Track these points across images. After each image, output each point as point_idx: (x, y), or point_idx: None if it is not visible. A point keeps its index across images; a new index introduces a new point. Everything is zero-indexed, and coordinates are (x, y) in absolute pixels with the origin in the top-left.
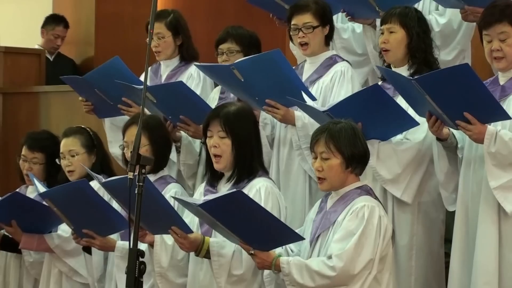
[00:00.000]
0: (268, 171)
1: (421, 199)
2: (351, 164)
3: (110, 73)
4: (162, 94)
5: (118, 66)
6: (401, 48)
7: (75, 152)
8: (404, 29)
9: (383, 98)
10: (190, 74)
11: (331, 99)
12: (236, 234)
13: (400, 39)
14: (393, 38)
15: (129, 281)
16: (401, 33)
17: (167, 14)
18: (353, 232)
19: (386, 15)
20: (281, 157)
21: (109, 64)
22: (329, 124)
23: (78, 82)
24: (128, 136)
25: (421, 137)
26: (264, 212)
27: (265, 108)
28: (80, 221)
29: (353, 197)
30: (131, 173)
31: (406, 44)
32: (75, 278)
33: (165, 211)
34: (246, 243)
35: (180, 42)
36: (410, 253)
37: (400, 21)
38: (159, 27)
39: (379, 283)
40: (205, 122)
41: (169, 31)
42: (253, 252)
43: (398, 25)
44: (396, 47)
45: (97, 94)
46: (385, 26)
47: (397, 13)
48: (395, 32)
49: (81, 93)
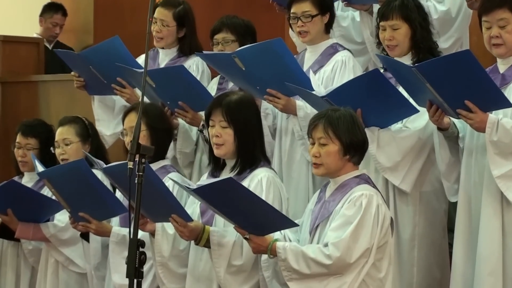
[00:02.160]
0: (270, 161)
1: (423, 189)
2: (349, 152)
3: (108, 52)
4: (161, 79)
5: (117, 46)
6: (406, 42)
7: (69, 140)
8: (407, 23)
9: (382, 84)
10: (189, 66)
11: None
12: (230, 218)
13: (404, 33)
14: (398, 34)
15: (129, 271)
16: (404, 28)
17: (177, 3)
18: (350, 221)
19: (386, 10)
20: (283, 147)
21: (108, 43)
22: (327, 110)
23: (72, 57)
24: (127, 123)
25: (422, 125)
26: (256, 199)
27: (266, 97)
28: (77, 204)
29: (351, 186)
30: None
31: (410, 36)
32: (71, 268)
33: (166, 199)
34: (240, 227)
35: (182, 34)
36: (412, 243)
37: (402, 15)
38: (165, 15)
39: (378, 271)
40: (207, 111)
41: (175, 21)
42: (248, 236)
43: (401, 20)
44: (402, 42)
45: (91, 71)
46: (387, 23)
47: (397, 7)
48: (399, 28)
49: (74, 68)
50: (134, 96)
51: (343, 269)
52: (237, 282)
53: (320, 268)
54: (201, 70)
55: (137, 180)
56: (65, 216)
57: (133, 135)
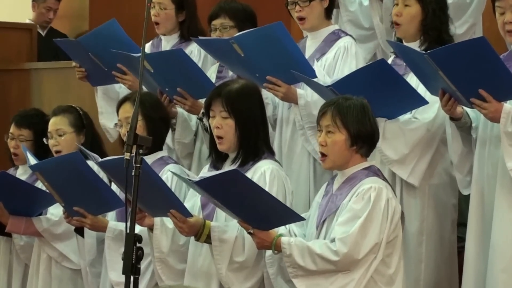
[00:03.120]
0: (274, 152)
1: (431, 182)
2: (356, 142)
3: (106, 36)
4: (160, 63)
5: (114, 29)
6: (414, 24)
7: (62, 131)
8: (420, 3)
9: (389, 74)
10: (191, 52)
11: (334, 76)
12: (234, 212)
13: (414, 14)
14: (407, 12)
15: (126, 267)
16: (416, 8)
17: None
18: (358, 215)
19: None
20: (283, 138)
21: (105, 27)
22: (339, 98)
23: (72, 45)
24: (122, 113)
25: (431, 116)
26: (261, 192)
27: (266, 85)
28: (72, 198)
29: (359, 178)
30: (128, 154)
31: (420, 20)
32: (64, 264)
33: (164, 194)
34: (244, 221)
35: (182, 18)
36: (420, 239)
37: None
38: None
39: (388, 267)
40: (206, 101)
41: (173, 4)
42: (252, 231)
43: None
44: (409, 21)
45: (91, 60)
46: None
47: None
48: (409, 6)
49: (74, 58)
50: (137, 82)
51: (350, 266)
52: (240, 279)
53: (327, 265)
54: (204, 55)
55: (134, 172)
56: (58, 210)
57: (130, 125)
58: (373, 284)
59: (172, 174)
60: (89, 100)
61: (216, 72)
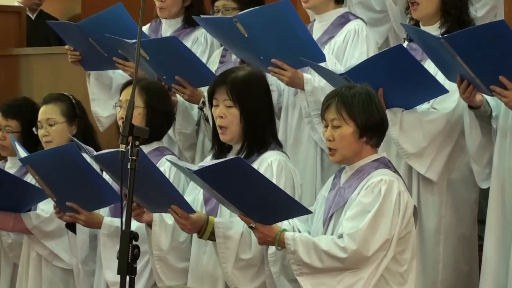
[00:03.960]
0: (281, 144)
1: (450, 176)
2: (365, 134)
3: (109, 21)
4: (155, 50)
5: (120, 14)
6: (434, 2)
7: (53, 120)
8: None
9: (407, 61)
10: (196, 38)
11: (344, 62)
12: (235, 204)
13: None
14: None
15: (121, 267)
16: None
17: None
18: (368, 209)
19: None
20: (289, 127)
21: (110, 11)
22: (341, 88)
23: (67, 28)
24: (125, 95)
25: (451, 106)
26: (266, 182)
27: (271, 69)
28: (64, 193)
29: (369, 171)
30: (123, 146)
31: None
32: (55, 263)
33: (164, 188)
34: (246, 215)
35: (188, 3)
36: (437, 238)
37: None
38: None
39: (399, 264)
40: (210, 89)
41: None
42: (254, 225)
43: None
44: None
45: (88, 44)
46: None
47: None
48: None
49: (68, 41)
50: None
51: (359, 263)
52: (247, 278)
53: (334, 262)
54: (210, 43)
55: (130, 165)
56: (49, 206)
57: (126, 115)
58: (384, 283)
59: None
60: (82, 88)
61: (220, 57)
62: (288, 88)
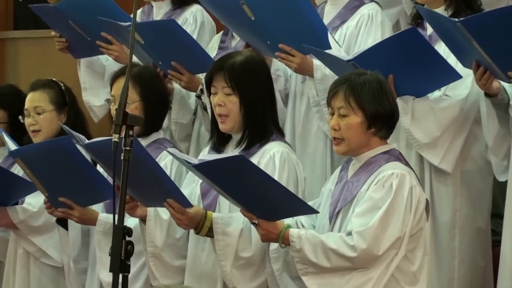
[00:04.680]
0: (284, 133)
1: (465, 167)
2: (374, 125)
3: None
4: (150, 34)
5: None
6: None
7: (41, 109)
8: None
9: (420, 45)
10: (185, 19)
11: (356, 49)
12: (237, 200)
13: None
14: None
15: (114, 264)
16: None
17: None
18: (378, 205)
19: None
20: (297, 116)
21: None
22: (350, 75)
23: (50, 12)
24: (116, 89)
25: (464, 93)
26: (270, 181)
27: (278, 54)
28: (57, 188)
29: (379, 164)
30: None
31: None
32: (43, 260)
33: (159, 181)
34: (248, 211)
35: None
36: (452, 232)
37: None
38: None
39: (411, 263)
40: (207, 76)
41: None
42: (257, 221)
43: None
44: None
45: (72, 28)
46: None
47: None
48: None
49: (54, 26)
50: (124, 53)
51: (369, 263)
52: (246, 277)
53: (343, 261)
54: (200, 22)
55: (123, 156)
56: (37, 199)
57: (119, 102)
58: (395, 283)
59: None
60: (73, 74)
61: (219, 42)
62: (295, 74)
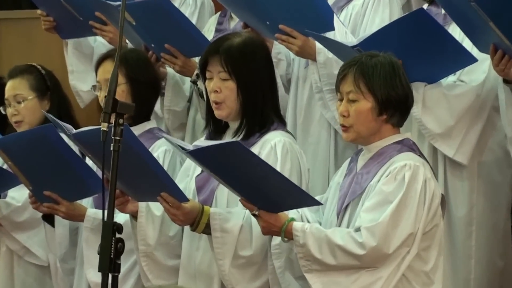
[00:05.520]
0: (286, 122)
1: (482, 158)
2: (385, 111)
3: None
4: (142, 14)
5: None
6: None
7: (21, 97)
8: None
9: (431, 27)
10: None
11: (362, 30)
12: (236, 190)
13: None
14: None
15: (103, 263)
16: None
17: None
18: (390, 199)
19: None
20: (299, 104)
21: None
22: (361, 56)
23: None
24: (102, 74)
25: (481, 78)
26: (269, 170)
27: (278, 36)
28: (42, 181)
29: (391, 154)
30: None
31: None
32: (28, 259)
33: (153, 173)
34: (248, 201)
35: None
36: (468, 229)
37: None
38: None
39: (424, 262)
40: (202, 59)
41: None
42: (258, 212)
43: None
44: None
45: (62, 7)
46: None
47: None
48: None
49: (40, 4)
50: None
51: (378, 261)
52: (246, 278)
53: (350, 259)
54: (200, 3)
55: (113, 147)
56: (21, 193)
57: (109, 89)
58: (406, 284)
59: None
60: (59, 58)
61: (216, 24)
62: (298, 58)
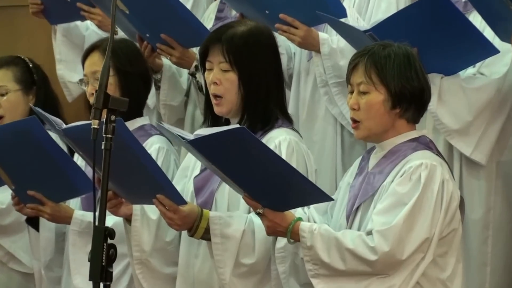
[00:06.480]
0: (292, 119)
1: (501, 158)
2: (399, 104)
3: None
4: (136, 2)
5: None
6: None
7: (5, 89)
8: None
9: (449, 13)
10: None
11: (368, 16)
12: (239, 184)
13: None
14: None
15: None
16: None
17: None
18: (404, 201)
19: None
20: (301, 100)
21: None
22: (374, 45)
23: None
24: (89, 66)
25: (502, 71)
26: (276, 159)
27: (278, 26)
28: (25, 179)
29: (405, 153)
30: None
31: None
32: (11, 266)
33: (148, 173)
34: (252, 198)
35: None
36: (485, 234)
37: None
38: None
39: (440, 269)
40: (202, 48)
41: None
42: (262, 211)
43: None
44: None
45: None
46: None
47: None
48: None
49: None
50: (108, 18)
51: (391, 268)
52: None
53: (360, 265)
54: None
55: (104, 145)
56: (5, 195)
57: (100, 82)
58: None
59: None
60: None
61: (216, 12)
62: (300, 50)
